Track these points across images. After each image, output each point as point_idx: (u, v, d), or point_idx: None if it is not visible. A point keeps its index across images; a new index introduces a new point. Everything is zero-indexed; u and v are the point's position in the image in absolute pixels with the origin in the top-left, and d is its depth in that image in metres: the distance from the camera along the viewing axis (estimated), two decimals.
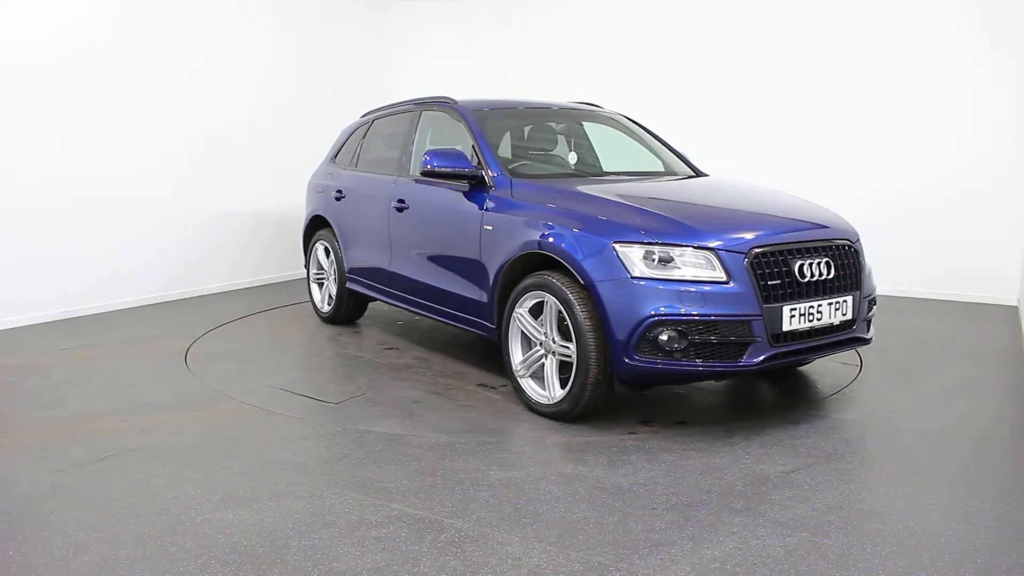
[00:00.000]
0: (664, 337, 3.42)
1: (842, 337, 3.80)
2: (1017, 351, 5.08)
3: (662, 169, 5.02)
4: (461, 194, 4.48)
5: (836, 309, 3.70)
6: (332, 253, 5.96)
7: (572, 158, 5.07)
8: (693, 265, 3.49)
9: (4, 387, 4.38)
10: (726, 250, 3.50)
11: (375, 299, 5.58)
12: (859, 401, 4.12)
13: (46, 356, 5.00)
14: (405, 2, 9.11)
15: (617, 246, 3.55)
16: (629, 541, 2.62)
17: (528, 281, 3.90)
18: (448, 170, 4.39)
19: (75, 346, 5.24)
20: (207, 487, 3.05)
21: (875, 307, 4.10)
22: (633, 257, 3.52)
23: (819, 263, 3.65)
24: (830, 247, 3.76)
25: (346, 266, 5.80)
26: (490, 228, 4.23)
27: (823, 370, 4.58)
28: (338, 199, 5.87)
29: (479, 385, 4.44)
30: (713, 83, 7.53)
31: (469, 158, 4.48)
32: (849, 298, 3.76)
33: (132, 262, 6.52)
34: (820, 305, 3.63)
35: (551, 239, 3.80)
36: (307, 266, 6.35)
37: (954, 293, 6.70)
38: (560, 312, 3.71)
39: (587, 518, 2.78)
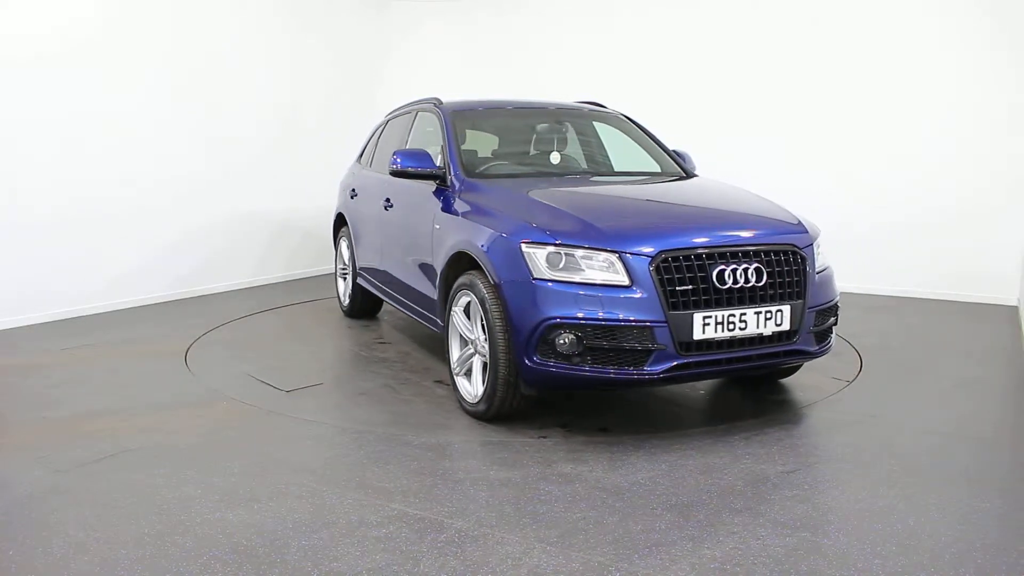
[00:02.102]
0: (561, 341, 3.36)
1: (776, 349, 3.55)
2: (1017, 351, 5.08)
3: (658, 170, 4.97)
4: (429, 193, 4.53)
5: (767, 319, 3.47)
6: (349, 249, 6.06)
7: (555, 158, 5.06)
8: (596, 268, 3.42)
9: (4, 387, 4.38)
10: (631, 253, 3.38)
11: (378, 296, 5.60)
12: (859, 401, 4.12)
13: (46, 356, 4.99)
14: (405, 2, 9.10)
15: (523, 247, 3.52)
16: (629, 541, 2.62)
17: (460, 280, 3.91)
18: (411, 170, 4.45)
19: (75, 346, 5.24)
20: (207, 487, 3.05)
21: (834, 318, 3.88)
22: (537, 258, 3.47)
23: (745, 269, 3.44)
24: (763, 252, 3.52)
25: (357, 263, 5.86)
26: (439, 227, 4.28)
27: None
28: (352, 197, 5.99)
29: (436, 381, 4.48)
30: (714, 83, 7.53)
31: (434, 157, 4.52)
32: (785, 307, 3.51)
33: (132, 262, 6.52)
34: (744, 314, 3.42)
35: (472, 239, 3.82)
36: (336, 261, 6.52)
37: (954, 293, 6.70)
38: (482, 312, 3.71)
39: (587, 518, 2.78)
